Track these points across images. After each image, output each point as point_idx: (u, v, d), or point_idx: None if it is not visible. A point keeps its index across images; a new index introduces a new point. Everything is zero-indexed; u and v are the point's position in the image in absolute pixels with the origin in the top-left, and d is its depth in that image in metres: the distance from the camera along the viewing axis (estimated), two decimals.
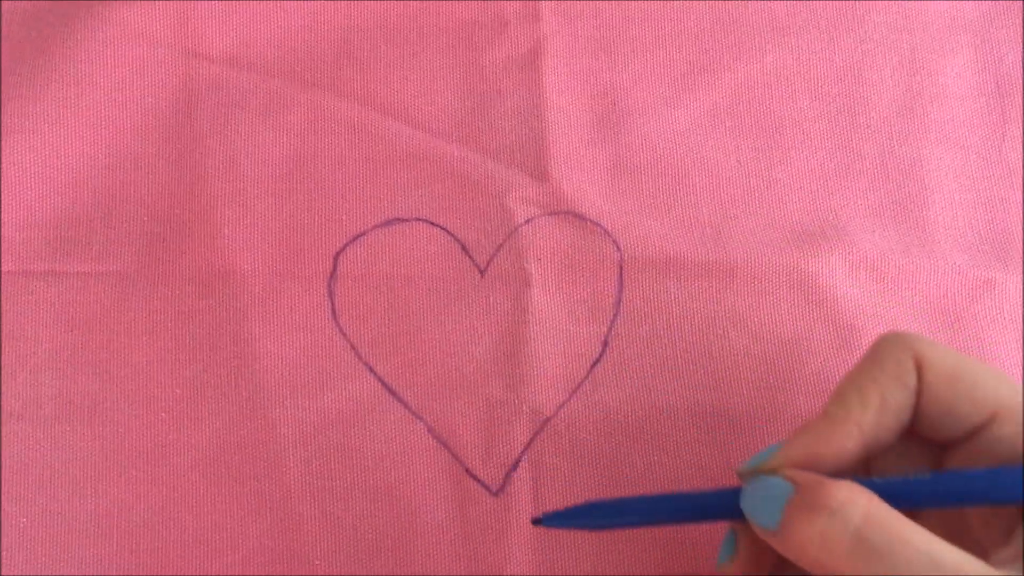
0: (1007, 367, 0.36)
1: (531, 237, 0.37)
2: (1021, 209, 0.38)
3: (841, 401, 0.26)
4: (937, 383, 0.26)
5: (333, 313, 0.36)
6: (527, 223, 0.37)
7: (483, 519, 0.34)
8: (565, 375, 0.36)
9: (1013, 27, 0.40)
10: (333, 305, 0.36)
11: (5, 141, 0.36)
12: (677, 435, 0.35)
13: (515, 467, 0.35)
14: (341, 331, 0.36)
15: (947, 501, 0.25)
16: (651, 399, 0.36)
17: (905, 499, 0.25)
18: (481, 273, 0.37)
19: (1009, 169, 0.38)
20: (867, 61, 0.39)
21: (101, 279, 0.36)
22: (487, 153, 0.38)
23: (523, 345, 0.36)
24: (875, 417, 0.26)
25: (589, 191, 0.37)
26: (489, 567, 0.34)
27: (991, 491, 0.25)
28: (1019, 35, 0.40)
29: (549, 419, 0.35)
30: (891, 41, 0.39)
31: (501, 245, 0.37)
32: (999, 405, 0.26)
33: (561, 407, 0.36)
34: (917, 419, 0.27)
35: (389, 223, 0.37)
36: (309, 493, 0.34)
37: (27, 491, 0.34)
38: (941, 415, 0.26)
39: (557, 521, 0.29)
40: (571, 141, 0.38)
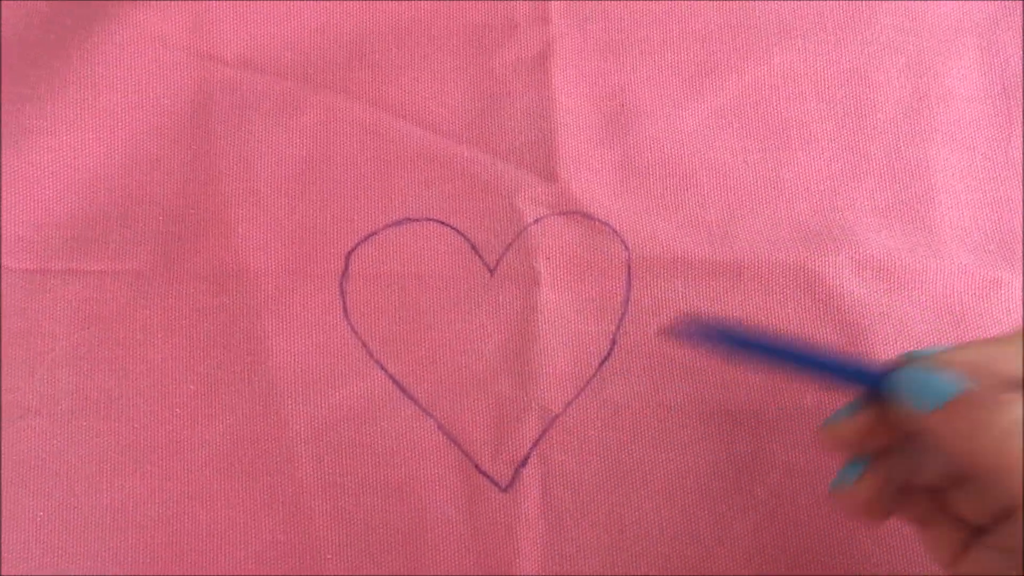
0: None
1: (540, 236, 0.37)
2: None
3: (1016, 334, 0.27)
4: None
5: (345, 311, 0.37)
6: (536, 223, 0.37)
7: (492, 514, 0.35)
8: (574, 373, 0.36)
9: (1018, 29, 0.40)
10: (345, 303, 0.37)
11: (24, 142, 0.37)
12: (684, 432, 0.36)
13: (524, 463, 0.35)
14: (353, 329, 0.36)
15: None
16: (659, 397, 0.36)
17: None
18: (491, 272, 0.37)
19: (1015, 169, 0.39)
20: (874, 63, 0.39)
21: (117, 277, 0.37)
22: (497, 154, 0.38)
23: (532, 343, 0.36)
24: None
25: (597, 191, 0.38)
26: (498, 562, 0.34)
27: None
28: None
29: (558, 416, 0.36)
30: (897, 43, 0.40)
31: (510, 244, 0.37)
32: None
33: (569, 404, 0.36)
34: None
35: (400, 223, 0.37)
36: (321, 488, 0.35)
37: (45, 484, 0.35)
38: None
39: (689, 333, 0.30)
40: (580, 142, 0.38)
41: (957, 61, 0.40)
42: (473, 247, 0.37)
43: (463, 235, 0.37)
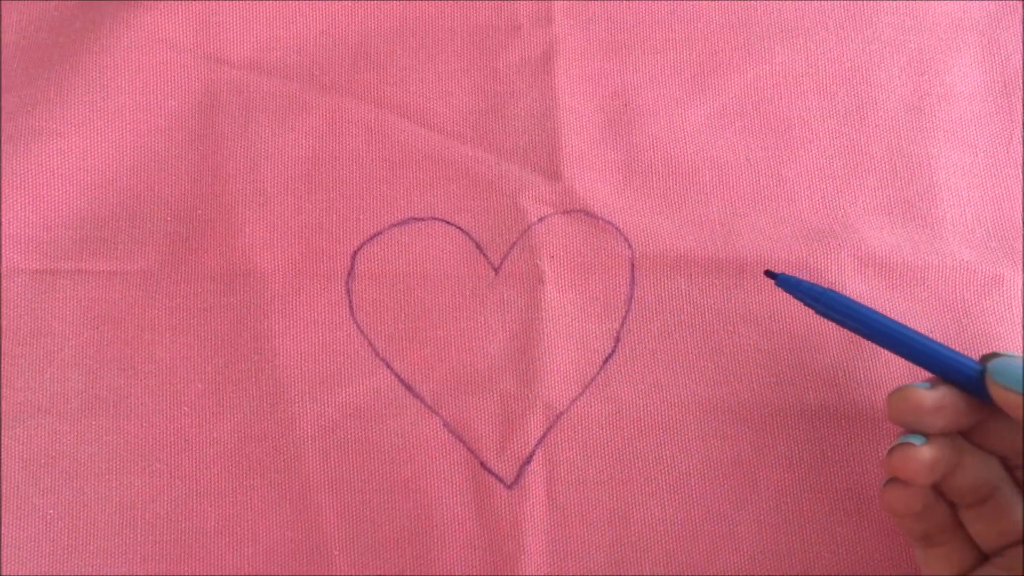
0: None
1: (544, 235, 0.38)
2: None
3: None
4: None
5: (351, 310, 0.37)
6: (540, 222, 0.38)
7: (498, 511, 0.35)
8: (578, 370, 0.36)
9: (1019, 27, 0.40)
10: (351, 302, 0.37)
11: (34, 144, 0.37)
12: (688, 429, 0.36)
13: (529, 460, 0.36)
14: (359, 328, 0.37)
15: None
16: (662, 394, 0.36)
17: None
18: (495, 271, 0.37)
19: (1016, 167, 0.39)
20: (875, 61, 0.40)
21: (126, 277, 0.37)
22: (501, 153, 0.38)
23: (536, 341, 0.37)
24: None
25: (601, 190, 0.38)
26: (504, 558, 0.34)
27: None
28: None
29: (562, 413, 0.36)
30: (899, 41, 0.40)
31: (515, 243, 0.38)
32: None
33: (574, 402, 0.36)
34: None
35: (405, 222, 0.38)
36: (328, 485, 0.35)
37: (54, 483, 0.35)
38: None
39: (792, 287, 0.34)
40: (583, 141, 0.39)
41: (958, 59, 0.40)
42: (478, 246, 0.38)
43: (468, 234, 0.38)
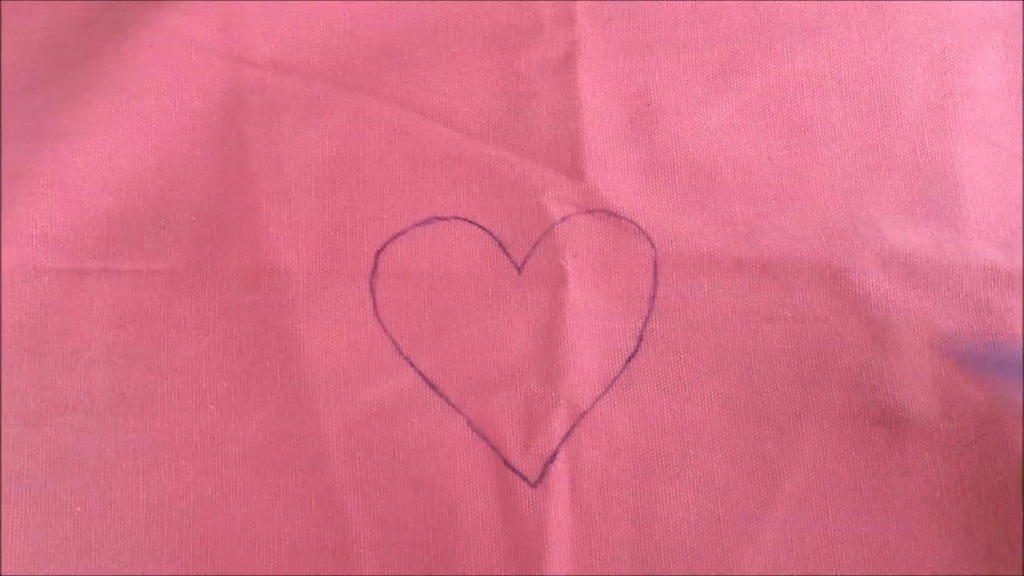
0: None
1: (567, 235, 0.38)
2: None
3: None
4: None
5: (375, 309, 0.37)
6: (563, 221, 0.38)
7: (522, 510, 0.35)
8: (601, 370, 0.37)
9: None
10: (375, 301, 0.37)
11: (60, 144, 0.38)
12: (711, 429, 0.36)
13: (553, 459, 0.36)
14: (383, 327, 0.37)
15: None
16: (685, 393, 0.36)
17: None
18: (518, 270, 0.37)
19: None
20: (898, 60, 0.40)
21: (152, 276, 0.37)
22: (524, 153, 0.38)
23: (559, 340, 0.37)
24: None
25: (624, 189, 0.38)
26: (528, 557, 0.35)
27: None
28: None
29: (586, 412, 0.36)
30: (922, 40, 0.40)
31: (537, 243, 0.38)
32: None
33: (597, 401, 0.36)
34: None
35: (428, 222, 0.38)
36: (353, 484, 0.35)
37: (81, 481, 0.35)
38: None
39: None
40: (606, 141, 0.39)
41: (981, 58, 0.40)
42: (500, 245, 0.38)
43: (490, 233, 0.38)
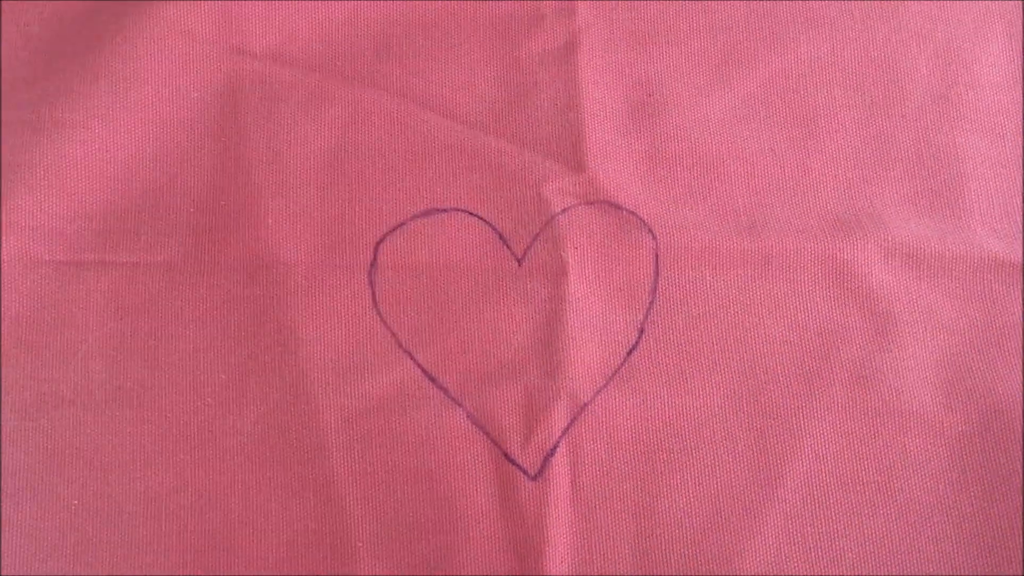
0: None
1: (568, 226, 0.37)
2: None
3: None
4: None
5: (374, 301, 0.37)
6: (564, 212, 0.38)
7: (522, 503, 0.35)
8: (601, 362, 0.36)
9: None
10: (374, 293, 0.37)
11: (58, 135, 0.37)
12: (712, 421, 0.36)
13: (553, 452, 0.35)
14: (382, 319, 0.37)
15: None
16: (687, 386, 0.36)
17: None
18: (518, 262, 0.37)
19: None
20: (901, 51, 0.39)
21: (149, 269, 0.37)
22: (524, 144, 0.38)
23: (560, 332, 0.36)
24: None
25: (625, 181, 0.38)
26: (528, 549, 0.34)
27: None
28: None
29: (586, 405, 0.36)
30: (925, 31, 0.40)
31: (538, 234, 0.37)
32: None
33: (598, 393, 0.36)
34: None
35: (428, 213, 0.38)
36: (351, 477, 0.35)
37: (79, 474, 0.35)
38: None
39: None
40: (607, 132, 0.39)
41: (985, 49, 0.40)
42: (501, 237, 0.37)
43: (491, 225, 0.38)
